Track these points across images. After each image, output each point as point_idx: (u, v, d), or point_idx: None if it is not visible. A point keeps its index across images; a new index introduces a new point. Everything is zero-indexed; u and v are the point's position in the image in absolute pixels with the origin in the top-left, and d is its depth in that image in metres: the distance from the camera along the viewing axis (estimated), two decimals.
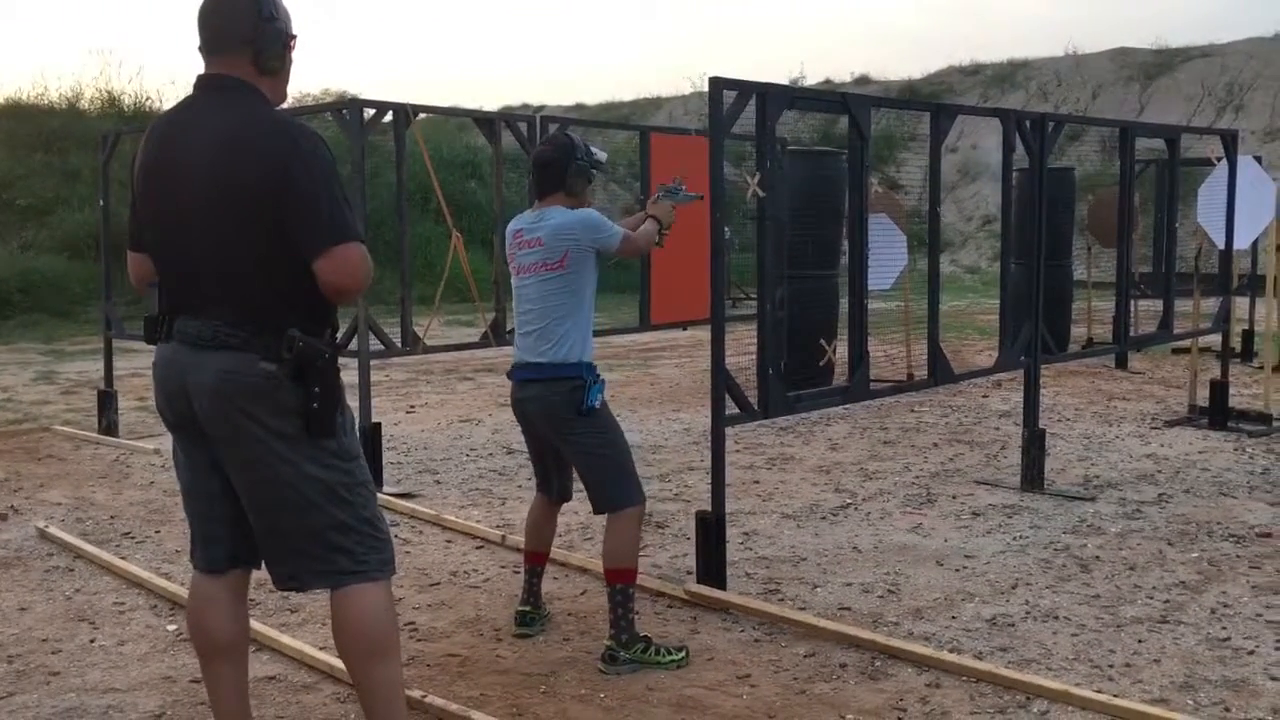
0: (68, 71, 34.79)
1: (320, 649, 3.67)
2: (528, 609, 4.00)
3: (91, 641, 3.84)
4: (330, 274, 2.56)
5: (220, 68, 2.67)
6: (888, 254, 8.44)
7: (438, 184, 6.10)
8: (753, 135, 4.45)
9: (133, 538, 5.07)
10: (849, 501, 5.75)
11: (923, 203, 10.55)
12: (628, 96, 32.62)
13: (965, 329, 13.27)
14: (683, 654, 3.68)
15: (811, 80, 30.68)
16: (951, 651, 3.70)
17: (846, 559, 4.80)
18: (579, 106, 33.32)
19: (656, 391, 9.50)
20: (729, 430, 7.22)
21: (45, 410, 8.52)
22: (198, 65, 2.70)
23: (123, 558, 4.66)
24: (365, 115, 5.88)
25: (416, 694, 3.33)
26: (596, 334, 4.03)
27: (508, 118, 6.58)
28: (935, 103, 5.71)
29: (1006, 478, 6.11)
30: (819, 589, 4.42)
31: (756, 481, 6.19)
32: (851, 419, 7.93)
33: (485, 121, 6.57)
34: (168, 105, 18.21)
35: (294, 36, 2.73)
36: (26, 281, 14.44)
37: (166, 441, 6.99)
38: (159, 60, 45.14)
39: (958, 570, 4.60)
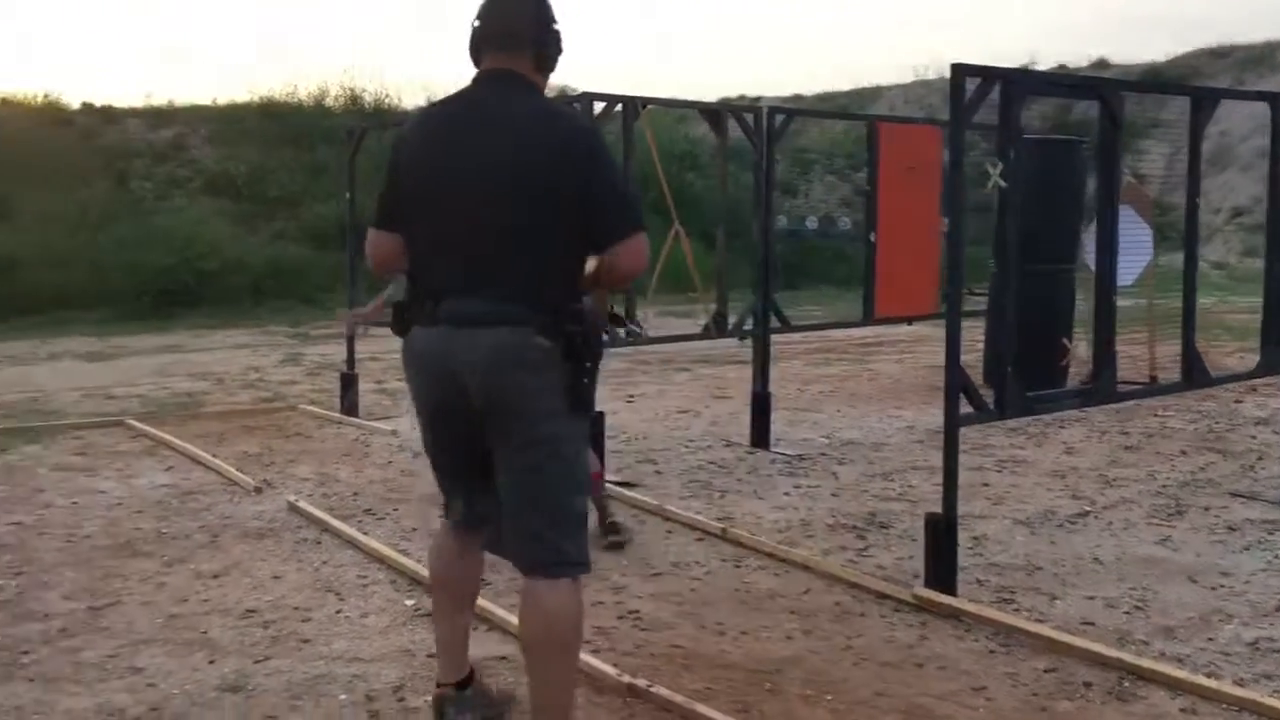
0: (315, 71, 37.04)
1: None
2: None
3: (338, 612, 4.03)
4: (625, 259, 2.73)
5: (506, 63, 2.82)
6: (1131, 248, 7.97)
7: (663, 175, 6.12)
8: (987, 124, 4.27)
9: (373, 514, 5.31)
10: (1087, 509, 5.45)
11: (1166, 194, 9.91)
12: (845, 86, 31.97)
13: (1213, 329, 12.38)
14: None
15: (1044, 66, 29.24)
16: (1209, 675, 3.45)
17: (1086, 570, 4.55)
18: (796, 97, 32.91)
19: (876, 388, 9.28)
20: None
21: (292, 390, 9.07)
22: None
23: (365, 533, 4.89)
24: (595, 108, 5.97)
25: (642, 683, 3.35)
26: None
27: (733, 109, 6.55)
28: (1195, 86, 5.33)
29: (1266, 490, 5.65)
30: (1057, 601, 4.20)
31: (986, 484, 5.95)
32: (1088, 422, 7.52)
33: (710, 113, 6.56)
34: (405, 103, 18.85)
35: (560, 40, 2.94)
36: (276, 269, 15.46)
37: (403, 423, 7.33)
38: (398, 62, 47.48)
39: (1213, 588, 4.28)
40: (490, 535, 2.96)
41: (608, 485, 5.31)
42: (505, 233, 2.71)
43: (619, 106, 6.08)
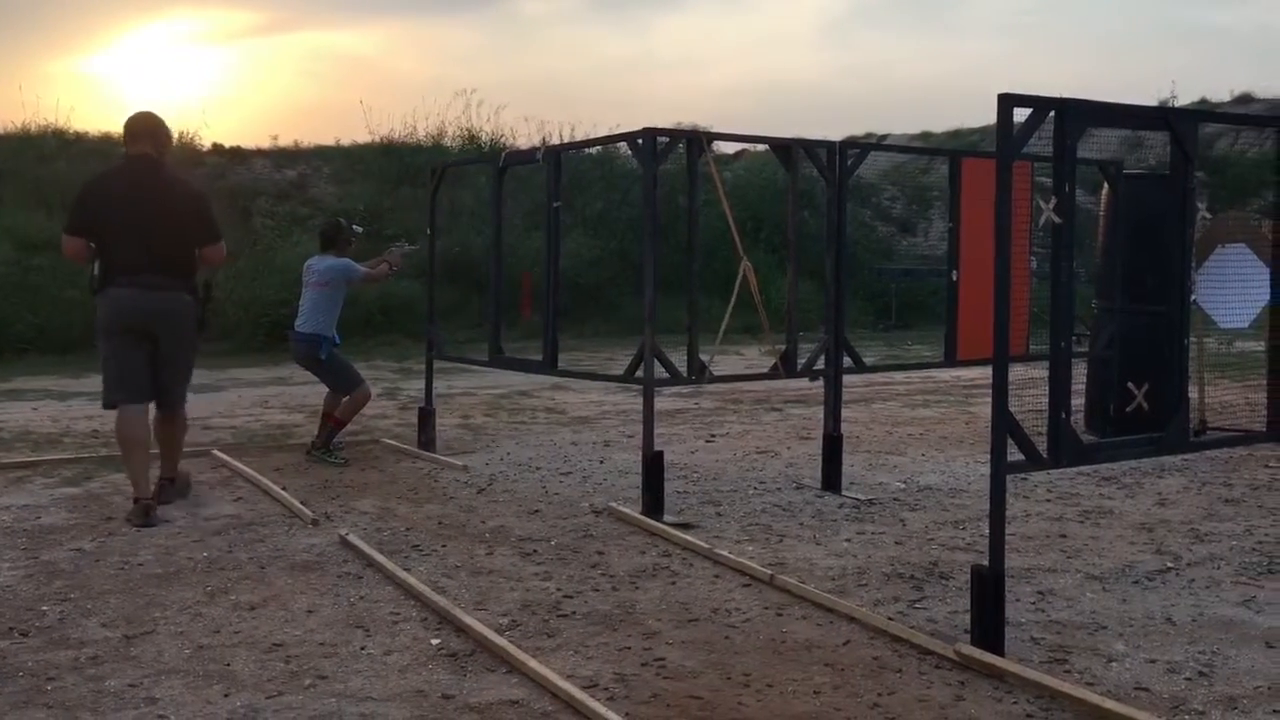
0: (434, 111, 37.59)
1: (567, 677, 3.65)
2: None
3: (362, 649, 4.01)
4: (210, 254, 5.97)
5: (141, 149, 5.85)
6: (1246, 288, 7.50)
7: (730, 210, 6.02)
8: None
9: (420, 550, 5.30)
10: (1170, 565, 5.12)
11: None
12: (976, 123, 31.23)
13: None
14: (343, 462, 7.40)
15: (1185, 99, 27.91)
16: None
17: (1155, 631, 4.25)
18: (924, 135, 32.31)
19: (970, 431, 8.96)
20: (1040, 479, 6.67)
21: (381, 424, 9.20)
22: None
23: (406, 569, 4.87)
24: (659, 144, 5.91)
25: None
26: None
27: (805, 144, 6.41)
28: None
29: None
30: (1114, 663, 3.92)
31: (1063, 535, 5.64)
32: (1190, 472, 7.10)
33: (782, 149, 6.44)
34: (520, 141, 19.12)
35: (171, 138, 6.17)
36: (386, 304, 15.75)
37: (474, 459, 7.36)
38: (517, 99, 48.31)
39: None
40: (158, 399, 5.88)
41: (664, 526, 5.20)
42: (164, 240, 5.70)
43: (682, 144, 6.01)
